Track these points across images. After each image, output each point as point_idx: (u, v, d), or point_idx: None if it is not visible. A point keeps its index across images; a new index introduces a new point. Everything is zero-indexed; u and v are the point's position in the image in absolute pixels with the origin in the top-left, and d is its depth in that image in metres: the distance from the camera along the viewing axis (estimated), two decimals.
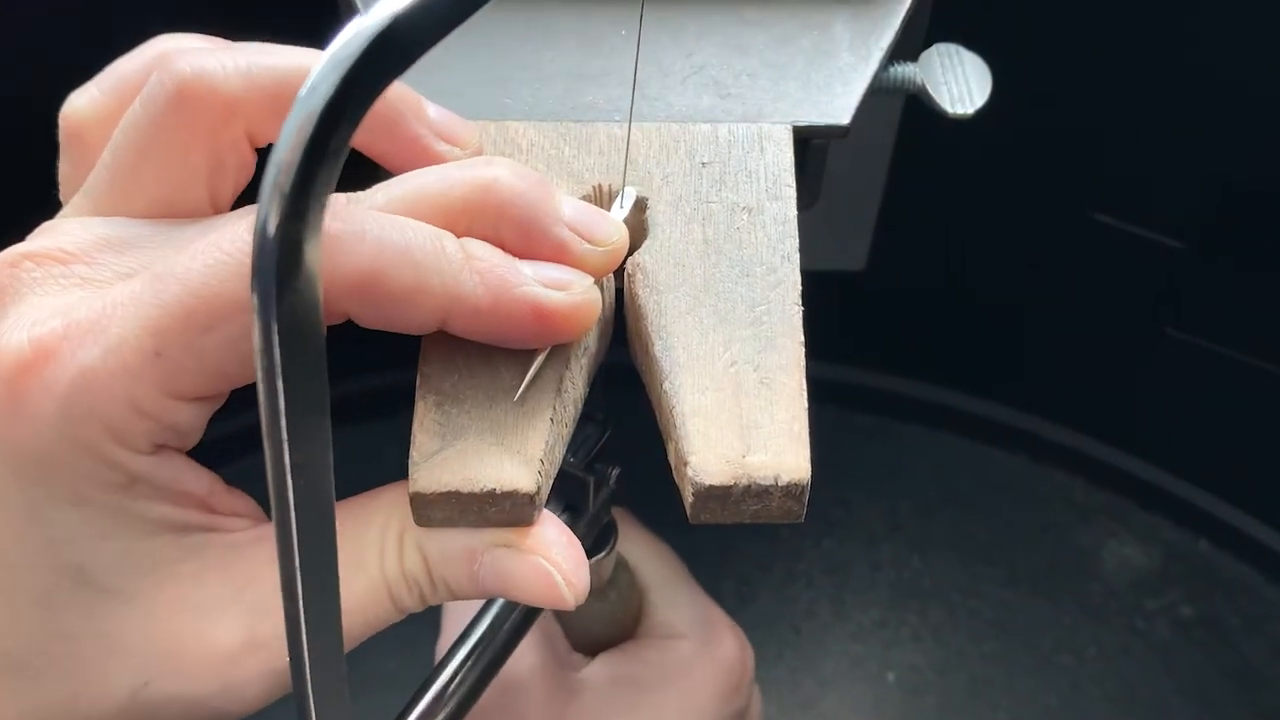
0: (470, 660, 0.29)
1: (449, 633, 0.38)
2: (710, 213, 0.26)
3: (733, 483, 0.22)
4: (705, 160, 0.27)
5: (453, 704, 0.28)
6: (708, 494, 0.23)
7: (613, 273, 0.25)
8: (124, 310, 0.21)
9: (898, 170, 0.41)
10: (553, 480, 0.24)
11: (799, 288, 0.25)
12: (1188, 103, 0.42)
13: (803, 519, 0.23)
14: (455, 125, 0.25)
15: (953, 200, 0.48)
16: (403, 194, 0.23)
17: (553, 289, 0.23)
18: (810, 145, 0.29)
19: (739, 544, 0.53)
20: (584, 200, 0.26)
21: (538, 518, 0.24)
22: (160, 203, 0.24)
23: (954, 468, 0.55)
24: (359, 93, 0.13)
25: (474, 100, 0.28)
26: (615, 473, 0.33)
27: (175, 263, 0.22)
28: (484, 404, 0.24)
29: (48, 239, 0.23)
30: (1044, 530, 0.54)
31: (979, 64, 0.31)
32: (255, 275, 0.14)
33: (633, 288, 0.25)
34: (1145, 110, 0.43)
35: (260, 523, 0.25)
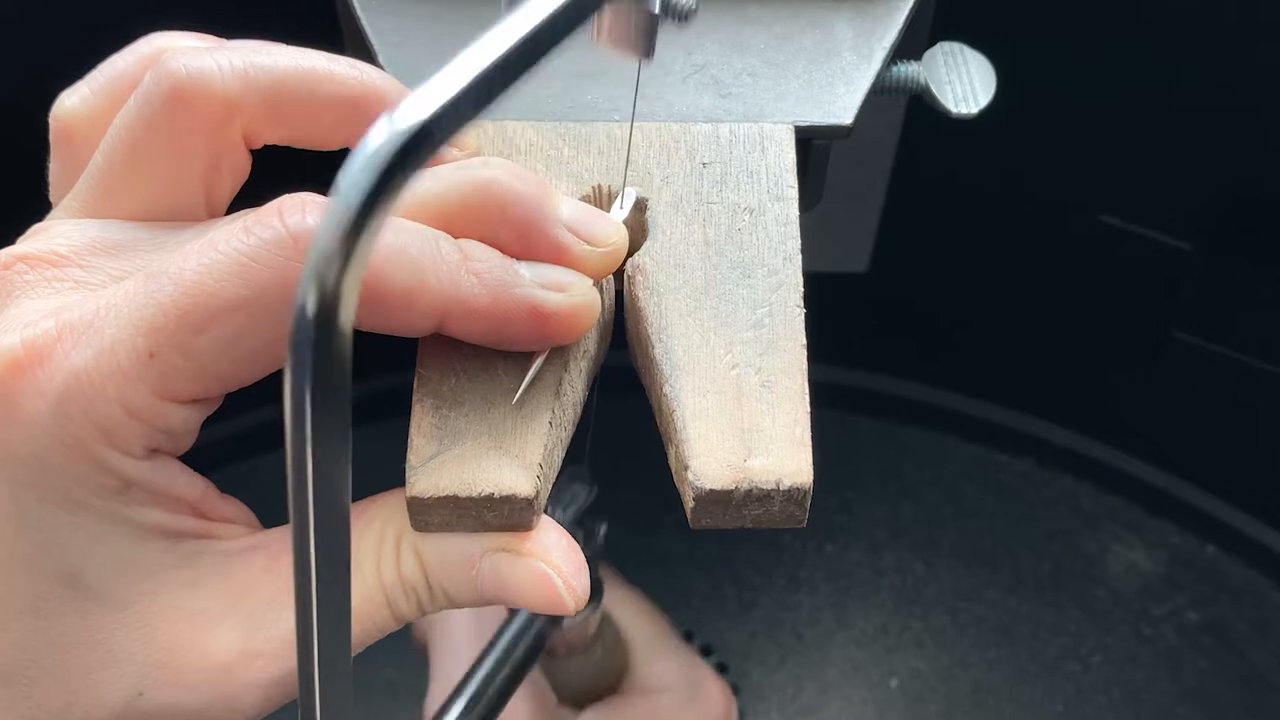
0: (465, 714, 0.29)
1: (438, 685, 0.38)
2: (711, 214, 0.26)
3: (734, 487, 0.22)
4: (706, 160, 0.27)
5: None
6: (708, 498, 0.23)
7: (612, 274, 0.25)
8: (117, 311, 0.21)
9: (901, 171, 0.41)
10: (551, 484, 0.24)
11: (801, 289, 0.25)
12: (1196, 102, 0.42)
13: (805, 524, 0.23)
14: None
15: (957, 201, 0.47)
16: None
17: (551, 290, 0.23)
18: (812, 145, 0.29)
19: (740, 549, 0.53)
20: (583, 201, 0.26)
21: (536, 522, 0.23)
22: (154, 205, 0.24)
23: (958, 472, 0.55)
24: (394, 183, 0.14)
25: None
26: (603, 529, 0.34)
27: (169, 263, 0.21)
28: (482, 407, 0.23)
29: (41, 241, 0.23)
30: (1049, 535, 0.54)
31: (983, 63, 0.31)
32: (292, 352, 0.15)
33: (632, 289, 0.25)
34: (1152, 110, 0.43)
35: (254, 530, 0.25)
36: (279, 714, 0.24)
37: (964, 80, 0.31)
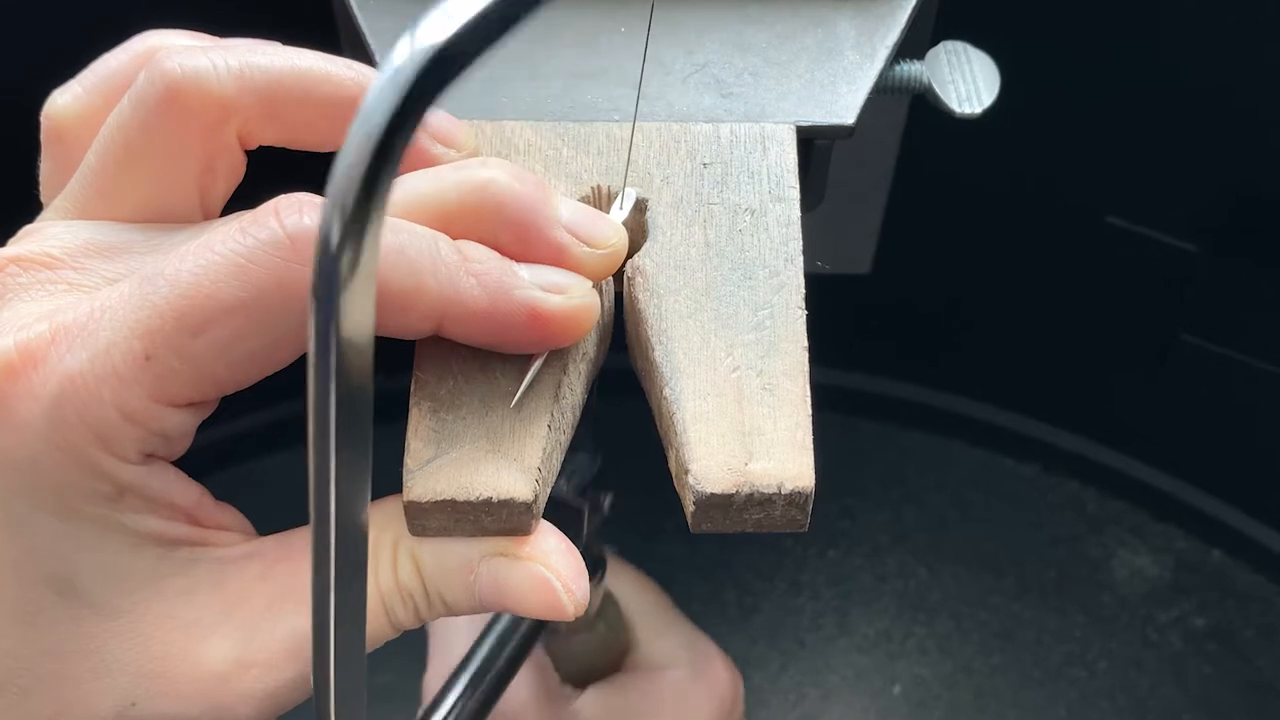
0: (466, 693, 0.29)
1: (436, 663, 0.38)
2: (712, 214, 0.26)
3: (734, 491, 0.22)
4: (707, 161, 0.26)
5: None
6: (709, 502, 0.22)
7: (612, 276, 0.25)
8: (112, 314, 0.21)
9: (904, 171, 0.41)
10: (550, 488, 0.24)
11: (803, 291, 0.25)
12: (1201, 102, 0.42)
13: (806, 528, 0.23)
14: (450, 126, 0.25)
15: (961, 202, 0.47)
16: (397, 196, 0.23)
17: (550, 292, 0.23)
18: (814, 145, 0.29)
19: (741, 554, 0.53)
20: (582, 202, 0.26)
21: (535, 526, 0.23)
22: (148, 207, 0.24)
23: (962, 476, 0.55)
24: (416, 107, 0.14)
25: (470, 100, 0.27)
26: (609, 499, 0.33)
27: (164, 265, 0.21)
28: (480, 410, 0.23)
29: (33, 243, 0.23)
30: (1053, 540, 0.54)
31: (987, 62, 0.31)
32: (316, 287, 0.14)
33: (632, 291, 0.25)
34: (1157, 109, 0.43)
35: (249, 537, 0.24)
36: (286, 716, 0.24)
37: (967, 80, 0.30)
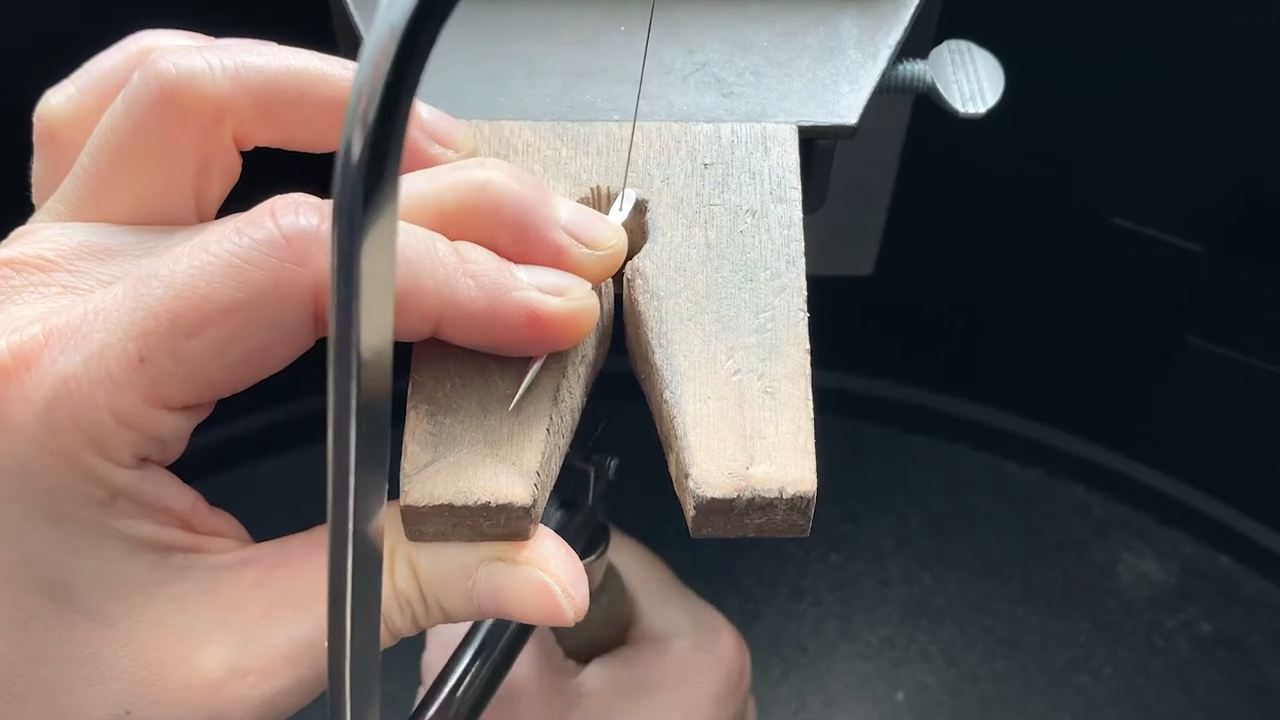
0: (474, 666, 0.28)
1: (436, 641, 0.38)
2: (712, 216, 0.26)
3: (735, 495, 0.22)
4: (707, 161, 0.26)
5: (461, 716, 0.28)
6: (710, 507, 0.22)
7: (611, 278, 0.25)
8: (106, 316, 0.21)
9: (907, 172, 0.41)
10: (549, 492, 0.24)
11: (804, 293, 0.24)
12: (1206, 101, 0.42)
13: (808, 533, 0.23)
14: (448, 126, 0.25)
15: (964, 203, 0.47)
16: None
17: (549, 294, 0.23)
18: (816, 146, 0.29)
19: (742, 559, 0.53)
20: (581, 203, 0.25)
21: (534, 531, 0.23)
22: (143, 208, 0.24)
23: (965, 480, 0.55)
24: (435, 15, 0.13)
25: (467, 99, 0.27)
26: (614, 463, 0.33)
27: (159, 266, 0.21)
28: (478, 414, 0.23)
29: (27, 245, 0.23)
30: (1059, 545, 0.54)
31: (991, 61, 0.31)
32: (338, 204, 0.14)
33: (632, 293, 0.25)
34: (1164, 109, 0.43)
35: (244, 544, 0.24)
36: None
37: (971, 79, 0.30)
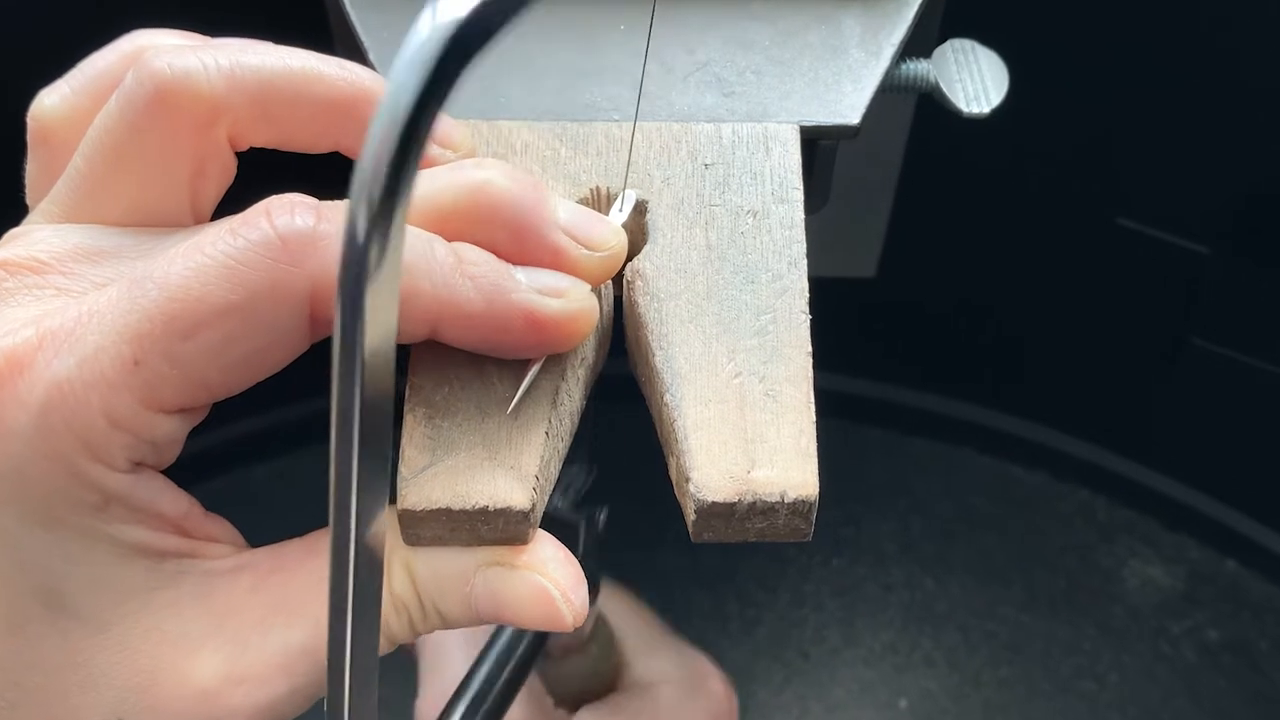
0: (467, 718, 0.28)
1: (430, 687, 0.38)
2: (713, 216, 0.25)
3: (737, 499, 0.22)
4: (708, 161, 0.26)
5: None
6: (710, 511, 0.22)
7: (611, 279, 0.25)
8: (100, 318, 0.21)
9: (910, 172, 0.41)
10: (548, 496, 0.23)
11: (806, 295, 0.24)
12: (1211, 100, 0.42)
13: (810, 538, 0.23)
14: (446, 126, 0.25)
15: (968, 204, 0.47)
16: None
17: (548, 296, 0.23)
18: (818, 146, 0.28)
19: (743, 564, 0.53)
20: (581, 203, 0.25)
21: (533, 535, 0.23)
22: (137, 210, 0.24)
23: (969, 484, 0.55)
24: (438, 92, 0.13)
25: (465, 99, 0.27)
26: (604, 514, 0.33)
27: (154, 267, 0.21)
28: (476, 417, 0.23)
29: (20, 247, 0.23)
30: (1063, 550, 0.54)
31: (995, 61, 0.31)
32: (343, 281, 0.14)
33: (632, 295, 0.25)
34: (1168, 109, 0.43)
35: (240, 549, 0.24)
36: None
37: (975, 79, 0.30)
